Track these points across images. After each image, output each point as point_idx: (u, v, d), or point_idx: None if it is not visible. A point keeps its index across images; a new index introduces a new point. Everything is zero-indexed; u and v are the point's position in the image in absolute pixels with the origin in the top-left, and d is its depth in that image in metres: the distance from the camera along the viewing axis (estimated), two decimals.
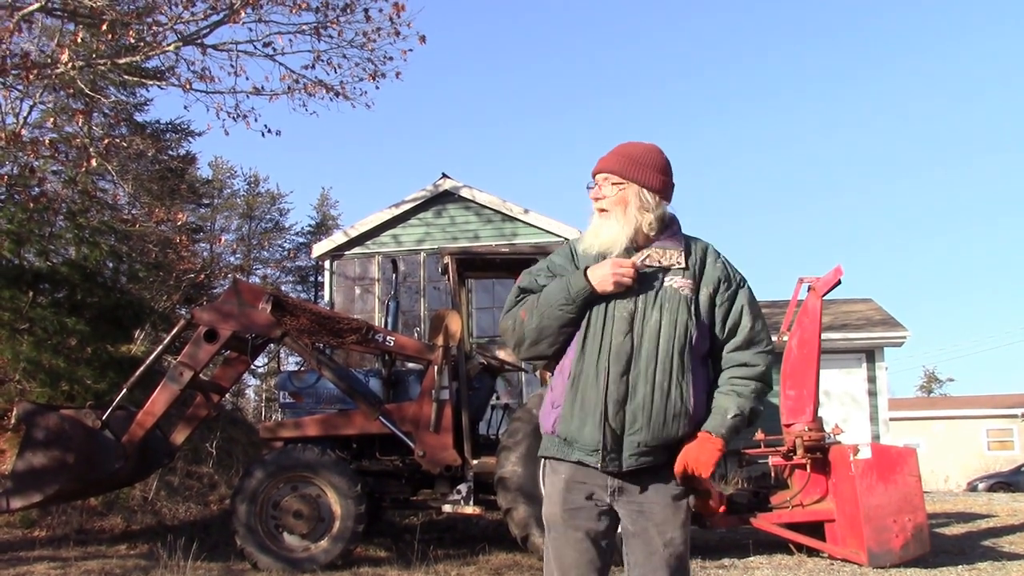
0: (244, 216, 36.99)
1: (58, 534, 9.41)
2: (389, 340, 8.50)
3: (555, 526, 3.06)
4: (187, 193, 25.27)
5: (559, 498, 3.05)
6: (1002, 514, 12.19)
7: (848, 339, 18.66)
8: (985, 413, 36.91)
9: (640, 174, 3.11)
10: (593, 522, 3.03)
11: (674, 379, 2.95)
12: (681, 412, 2.95)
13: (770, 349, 3.13)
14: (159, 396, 8.14)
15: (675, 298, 3.01)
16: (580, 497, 3.02)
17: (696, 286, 3.07)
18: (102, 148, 13.94)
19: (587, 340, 3.03)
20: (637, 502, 3.00)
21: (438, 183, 17.45)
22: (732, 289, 3.12)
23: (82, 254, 12.77)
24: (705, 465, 2.90)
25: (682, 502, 3.00)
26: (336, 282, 17.60)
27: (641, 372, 2.95)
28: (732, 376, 3.07)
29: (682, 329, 2.98)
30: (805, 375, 8.52)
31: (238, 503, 7.98)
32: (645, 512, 3.00)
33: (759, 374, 3.08)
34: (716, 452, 2.92)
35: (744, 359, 3.08)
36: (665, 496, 3.00)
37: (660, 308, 3.00)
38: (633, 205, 3.10)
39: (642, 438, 2.95)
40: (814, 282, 8.71)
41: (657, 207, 3.12)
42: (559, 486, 3.07)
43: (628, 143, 3.22)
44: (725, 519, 8.68)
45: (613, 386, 2.95)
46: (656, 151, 3.19)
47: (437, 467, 8.27)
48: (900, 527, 7.55)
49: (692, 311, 3.02)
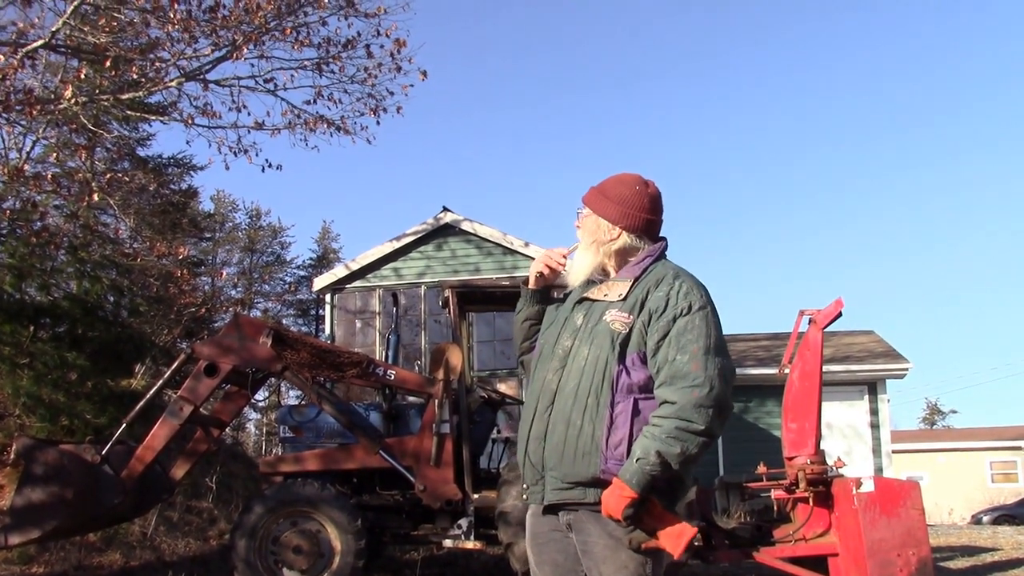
0: (245, 249, 37.09)
1: (56, 570, 9.34)
2: (390, 374, 8.48)
3: (530, 560, 3.11)
4: (188, 227, 25.33)
5: (529, 533, 3.10)
6: (1007, 547, 12.11)
7: (850, 371, 18.63)
8: (988, 445, 36.74)
9: (601, 206, 3.10)
10: (560, 554, 3.03)
11: (587, 416, 2.87)
12: (591, 450, 2.85)
13: (698, 384, 2.80)
14: (159, 431, 8.11)
15: (604, 332, 2.94)
16: (546, 530, 3.05)
17: (635, 318, 2.94)
18: (104, 183, 14.01)
19: (533, 376, 3.11)
20: (582, 540, 2.96)
21: (439, 216, 17.51)
22: (667, 319, 2.90)
23: (83, 288, 12.80)
24: (612, 510, 2.78)
25: (621, 541, 2.87)
26: (337, 315, 17.61)
27: (560, 409, 2.93)
28: (654, 415, 2.84)
29: (602, 365, 2.89)
30: (807, 408, 8.50)
31: (237, 538, 7.93)
32: (588, 550, 2.94)
33: (676, 412, 2.79)
34: (621, 498, 2.75)
35: (665, 396, 2.84)
36: (603, 535, 2.90)
37: (590, 344, 2.95)
38: (589, 237, 3.12)
39: (557, 474, 2.93)
40: (815, 314, 8.70)
41: (616, 239, 3.08)
42: (529, 521, 3.12)
43: (614, 175, 3.19)
44: (728, 554, 8.62)
45: (537, 423, 2.97)
46: (627, 182, 3.12)
47: (438, 501, 8.22)
48: (904, 561, 7.49)
49: (616, 345, 2.90)
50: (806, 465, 8.23)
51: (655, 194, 3.14)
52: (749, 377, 18.60)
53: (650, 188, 3.13)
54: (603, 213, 3.10)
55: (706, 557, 8.72)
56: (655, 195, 3.14)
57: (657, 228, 3.15)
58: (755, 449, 15.15)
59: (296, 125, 14.16)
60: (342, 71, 14.11)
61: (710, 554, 8.68)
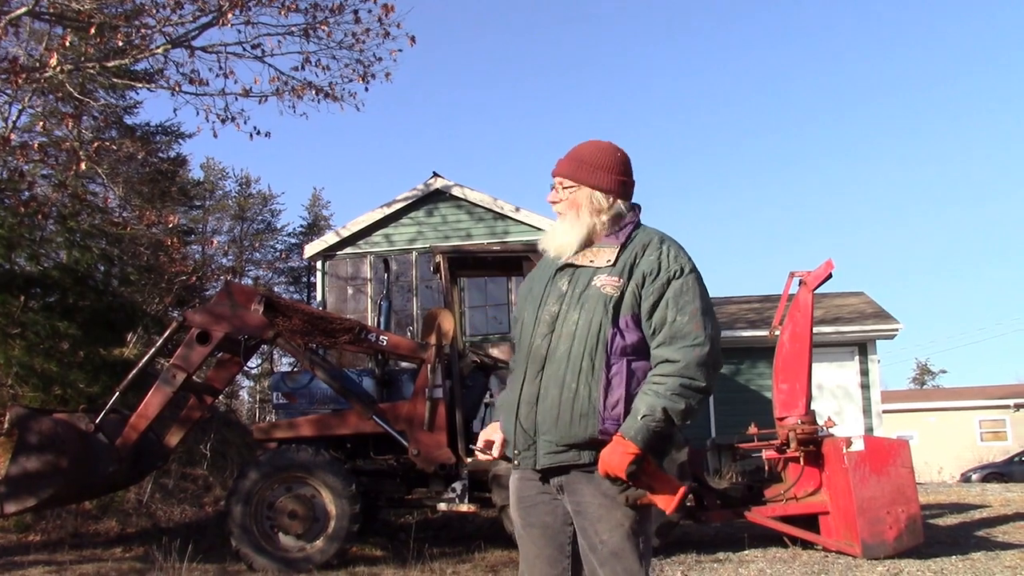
0: (236, 218, 36.94)
1: (53, 538, 9.40)
2: (382, 340, 8.51)
3: (516, 524, 3.12)
4: (178, 195, 25.22)
5: (515, 497, 3.12)
6: (995, 504, 12.25)
7: (840, 332, 18.72)
8: (978, 404, 37.01)
9: (590, 176, 3.11)
10: (549, 516, 3.05)
11: (582, 379, 2.91)
12: (589, 412, 2.90)
13: (699, 343, 2.91)
14: (152, 399, 8.14)
15: (595, 297, 2.97)
16: (533, 493, 3.06)
17: (626, 282, 2.98)
18: (92, 151, 13.91)
19: (517, 343, 3.12)
20: (575, 500, 2.99)
21: (429, 182, 17.46)
22: (661, 281, 2.97)
23: (73, 258, 12.74)
24: (615, 468, 2.84)
25: (616, 500, 2.93)
26: (328, 282, 17.60)
27: (552, 373, 2.96)
28: (654, 374, 2.93)
29: (595, 328, 2.93)
30: (797, 369, 8.56)
31: (233, 504, 7.98)
32: (582, 511, 2.98)
33: (680, 370, 2.88)
34: (625, 454, 2.82)
35: (666, 355, 2.91)
36: (597, 494, 2.95)
37: (580, 308, 2.98)
38: (585, 208, 3.10)
39: (551, 438, 2.95)
40: (805, 276, 8.73)
41: (611, 208, 3.11)
42: (515, 484, 3.13)
43: (583, 144, 3.19)
44: (719, 513, 8.72)
45: (527, 387, 2.99)
46: (608, 150, 3.15)
47: (431, 465, 8.28)
48: (894, 519, 7.58)
49: (609, 309, 2.95)
50: (797, 425, 8.31)
51: (628, 158, 3.20)
52: (740, 339, 18.68)
53: (623, 153, 3.19)
54: (595, 183, 3.10)
55: (698, 517, 8.82)
56: (628, 159, 3.20)
57: (633, 192, 3.21)
58: (746, 411, 15.25)
59: (284, 92, 14.05)
60: (329, 36, 14.00)
61: (702, 514, 8.78)
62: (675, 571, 7.16)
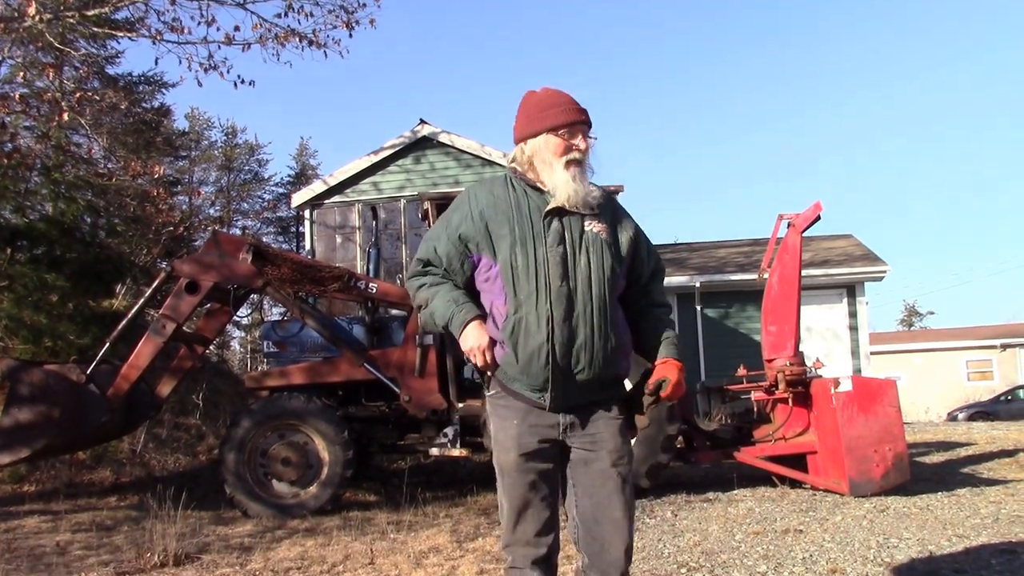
0: (222, 168, 36.62)
1: (48, 488, 9.46)
2: (371, 287, 8.50)
3: (509, 472, 3.07)
4: (163, 146, 24.93)
5: (513, 444, 3.06)
6: (981, 442, 12.40)
7: (829, 275, 18.77)
8: (965, 345, 37.28)
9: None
10: (546, 462, 3.08)
11: (608, 320, 3.04)
12: (619, 349, 3.07)
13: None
14: (143, 349, 8.14)
15: (597, 242, 3.08)
16: (534, 441, 3.05)
17: (611, 230, 3.14)
18: (74, 102, 13.71)
19: (519, 285, 3.02)
20: (590, 435, 3.06)
21: (416, 129, 17.32)
22: (630, 225, 3.24)
23: (59, 210, 12.66)
24: (683, 387, 3.13)
25: (621, 427, 3.11)
26: (317, 231, 17.53)
27: (580, 315, 3.00)
28: (656, 307, 3.27)
29: (609, 272, 3.06)
30: (786, 311, 8.59)
31: (226, 452, 8.03)
32: (598, 442, 3.06)
33: (667, 302, 3.33)
34: (683, 371, 3.15)
35: (658, 289, 3.30)
36: (614, 426, 3.08)
37: (587, 252, 3.05)
38: (590, 160, 3.18)
39: (587, 376, 3.00)
40: (794, 219, 8.73)
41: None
42: (512, 431, 3.07)
43: (563, 92, 3.20)
44: (709, 454, 8.80)
45: (558, 330, 2.98)
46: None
47: (423, 411, 8.32)
48: (881, 457, 7.67)
49: (614, 254, 3.11)
50: (785, 367, 8.36)
51: None
52: (729, 283, 18.74)
53: None
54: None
55: (688, 458, 8.91)
56: None
57: None
58: (736, 353, 15.33)
59: (267, 39, 13.83)
60: None
61: (692, 455, 8.86)
62: (665, 511, 7.25)
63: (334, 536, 6.59)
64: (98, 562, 5.81)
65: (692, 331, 18.91)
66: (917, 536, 5.70)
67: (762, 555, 5.34)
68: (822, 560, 5.10)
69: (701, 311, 19.01)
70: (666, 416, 7.94)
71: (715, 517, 6.85)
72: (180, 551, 5.82)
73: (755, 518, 6.72)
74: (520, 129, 3.18)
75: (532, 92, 3.22)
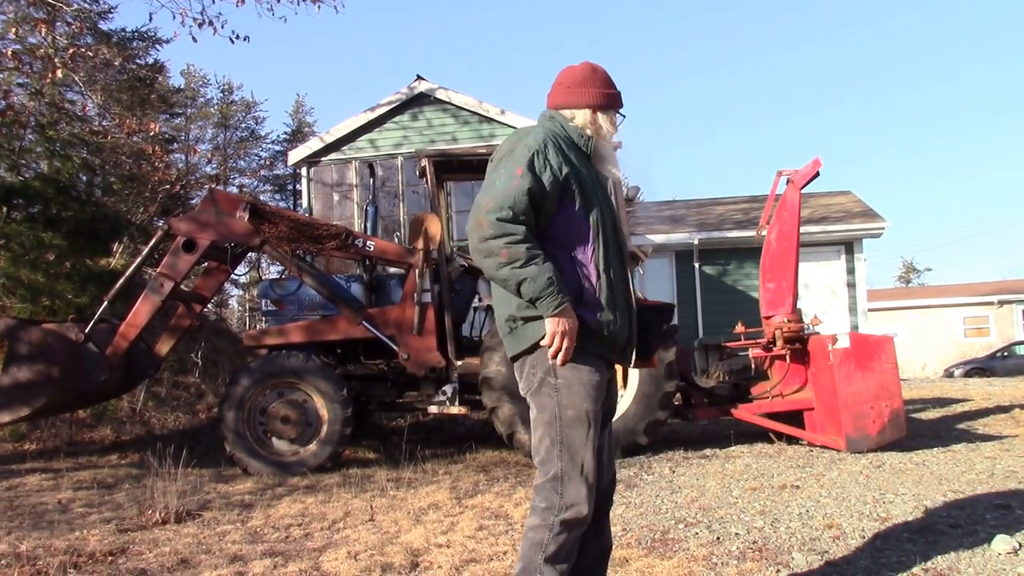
0: (219, 125, 36.41)
1: (49, 447, 9.51)
2: (369, 245, 8.48)
3: (593, 421, 3.07)
4: (158, 103, 24.79)
5: (600, 395, 3.11)
6: (977, 398, 12.46)
7: (827, 231, 18.77)
8: (962, 301, 37.34)
9: None
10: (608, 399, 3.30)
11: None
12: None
13: None
14: (141, 307, 8.14)
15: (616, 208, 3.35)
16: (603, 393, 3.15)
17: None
18: (67, 58, 13.59)
19: (602, 234, 3.11)
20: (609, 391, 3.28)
21: (413, 85, 17.18)
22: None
23: (54, 168, 12.57)
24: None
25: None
26: (314, 189, 17.46)
27: (626, 288, 3.23)
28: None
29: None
30: (784, 268, 8.59)
31: (226, 410, 8.06)
32: (611, 392, 3.31)
33: None
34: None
35: None
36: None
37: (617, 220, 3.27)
38: None
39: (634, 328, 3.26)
40: (793, 175, 8.69)
41: None
42: (597, 383, 3.09)
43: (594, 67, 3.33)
44: (706, 411, 8.85)
45: (631, 295, 3.22)
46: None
47: (422, 369, 8.34)
48: (877, 413, 7.70)
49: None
50: (783, 324, 8.38)
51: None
52: (728, 240, 18.73)
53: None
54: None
55: (686, 415, 8.96)
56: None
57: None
58: (734, 311, 15.37)
59: None
60: None
61: (690, 412, 8.91)
62: (663, 467, 7.29)
63: (334, 493, 6.63)
64: (100, 519, 5.85)
65: (691, 288, 18.94)
66: (913, 491, 5.74)
67: (759, 511, 5.38)
68: (818, 515, 5.14)
69: (699, 268, 19.02)
70: (664, 373, 7.96)
71: (712, 473, 6.89)
72: (181, 508, 5.86)
73: (752, 474, 6.76)
74: (592, 97, 3.25)
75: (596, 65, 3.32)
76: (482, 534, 5.04)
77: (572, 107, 3.24)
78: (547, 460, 3.04)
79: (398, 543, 4.84)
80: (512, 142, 3.12)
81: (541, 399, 3.06)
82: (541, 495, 3.04)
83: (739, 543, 4.56)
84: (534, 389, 3.08)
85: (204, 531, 5.40)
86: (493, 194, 2.94)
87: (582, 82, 3.24)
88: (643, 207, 22.48)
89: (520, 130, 3.20)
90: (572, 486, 3.01)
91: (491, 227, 2.90)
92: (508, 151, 3.08)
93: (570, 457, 3.02)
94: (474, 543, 4.79)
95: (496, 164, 3.10)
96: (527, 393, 3.12)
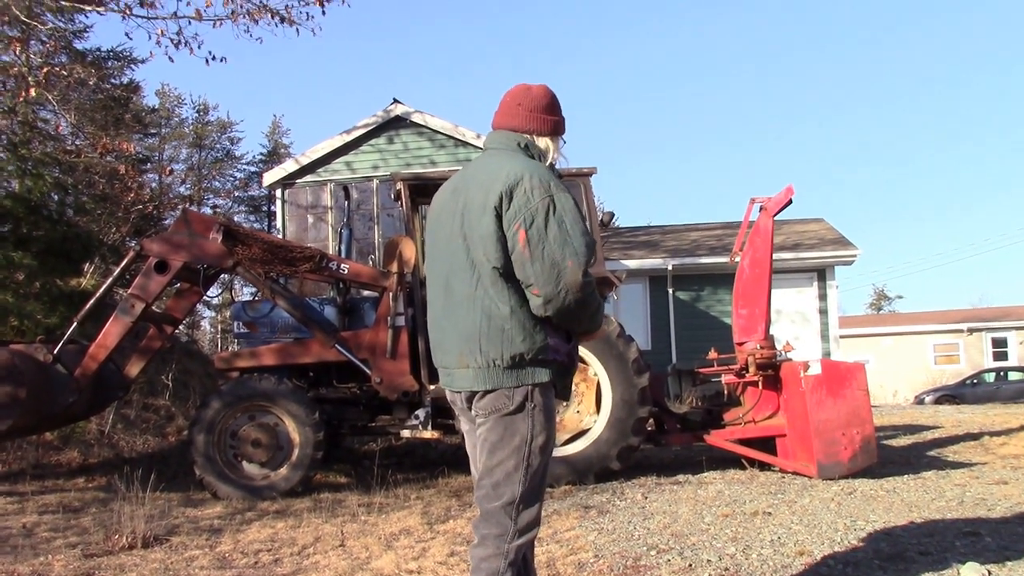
0: (193, 146, 36.30)
1: (14, 469, 9.36)
2: (343, 268, 8.45)
3: (551, 457, 3.17)
4: (132, 123, 24.65)
5: (554, 422, 3.15)
6: (947, 425, 12.54)
7: (800, 258, 18.89)
8: (932, 329, 37.70)
9: None
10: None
11: None
12: None
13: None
14: (111, 329, 8.06)
15: None
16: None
17: None
18: (41, 77, 13.54)
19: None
20: None
21: (389, 109, 17.22)
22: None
23: (25, 187, 12.47)
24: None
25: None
26: (288, 211, 17.41)
27: None
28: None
29: None
30: (757, 294, 8.63)
31: (196, 433, 7.98)
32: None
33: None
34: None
35: None
36: None
37: None
38: None
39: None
40: (766, 202, 8.75)
41: None
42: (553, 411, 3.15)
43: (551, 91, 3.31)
44: (679, 437, 8.86)
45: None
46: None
47: (394, 393, 8.31)
48: (849, 440, 7.73)
49: None
50: (756, 350, 8.41)
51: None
52: (701, 266, 18.81)
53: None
54: None
55: (658, 441, 8.96)
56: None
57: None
58: (707, 337, 15.40)
59: (239, 15, 13.71)
60: None
61: (662, 438, 8.92)
62: (635, 493, 7.28)
63: (304, 518, 6.57)
64: (65, 544, 5.77)
65: (664, 314, 18.99)
66: (883, 519, 5.76)
67: (731, 537, 5.37)
68: (790, 542, 5.14)
69: (673, 294, 19.09)
70: (637, 399, 7.97)
71: (685, 499, 6.88)
72: (149, 533, 5.79)
73: (724, 500, 6.77)
74: (553, 124, 3.24)
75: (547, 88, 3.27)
76: (453, 560, 5.01)
77: (534, 133, 3.19)
78: (504, 483, 3.02)
79: (369, 569, 4.80)
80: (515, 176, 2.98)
81: (515, 423, 3.02)
82: (492, 521, 3.02)
83: (711, 570, 4.55)
84: (507, 412, 3.01)
85: (172, 556, 5.33)
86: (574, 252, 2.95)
87: (546, 108, 3.21)
88: (617, 232, 22.56)
89: (513, 164, 3.04)
90: (529, 511, 3.04)
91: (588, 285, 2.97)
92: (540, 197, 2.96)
93: (533, 482, 3.03)
94: (445, 569, 4.76)
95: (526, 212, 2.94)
96: (494, 415, 3.04)
